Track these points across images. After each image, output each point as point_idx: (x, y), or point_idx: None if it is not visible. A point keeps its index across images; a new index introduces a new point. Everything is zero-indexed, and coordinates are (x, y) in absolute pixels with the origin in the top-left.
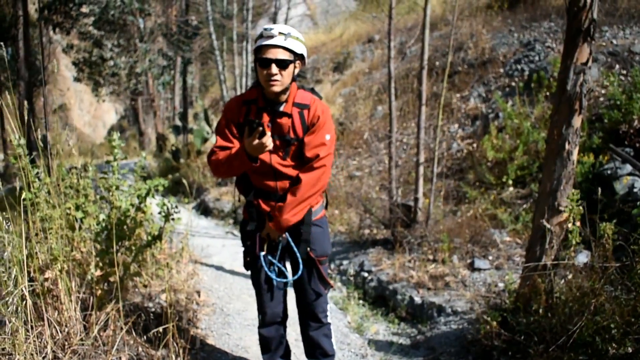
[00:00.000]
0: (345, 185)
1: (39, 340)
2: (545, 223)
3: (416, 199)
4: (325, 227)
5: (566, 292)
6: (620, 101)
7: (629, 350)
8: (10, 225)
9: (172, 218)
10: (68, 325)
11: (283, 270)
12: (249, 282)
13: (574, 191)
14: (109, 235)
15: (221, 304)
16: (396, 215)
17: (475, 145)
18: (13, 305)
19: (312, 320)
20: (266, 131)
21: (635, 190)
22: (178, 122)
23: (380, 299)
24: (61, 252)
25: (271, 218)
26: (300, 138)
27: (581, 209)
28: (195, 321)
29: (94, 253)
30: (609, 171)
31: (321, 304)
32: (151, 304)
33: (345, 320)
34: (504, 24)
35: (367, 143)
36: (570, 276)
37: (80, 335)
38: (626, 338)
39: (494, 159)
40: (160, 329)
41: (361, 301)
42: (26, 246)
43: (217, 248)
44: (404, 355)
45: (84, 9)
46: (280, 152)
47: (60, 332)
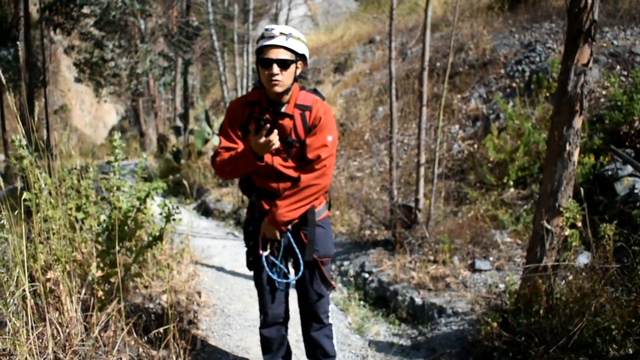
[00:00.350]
0: (346, 186)
1: (40, 340)
2: (546, 224)
3: (417, 200)
4: (328, 228)
5: (567, 293)
6: (621, 102)
7: (630, 351)
8: (11, 226)
9: (173, 219)
10: (69, 325)
11: (285, 271)
12: (250, 283)
13: (572, 201)
14: (110, 236)
15: (222, 305)
16: (397, 216)
17: (476, 146)
18: (14, 305)
19: (314, 320)
20: (274, 129)
21: (636, 191)
22: (179, 123)
23: (380, 300)
24: (63, 253)
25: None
26: (302, 140)
27: (580, 217)
28: (196, 322)
29: (95, 254)
30: (610, 172)
31: (323, 305)
32: (152, 305)
33: (345, 321)
34: (505, 25)
35: (368, 144)
36: (570, 277)
37: (81, 335)
38: (627, 339)
39: (495, 160)
40: (161, 330)
41: (362, 302)
42: (28, 247)
43: (218, 249)
44: (405, 356)
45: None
46: (282, 154)
47: (61, 333)
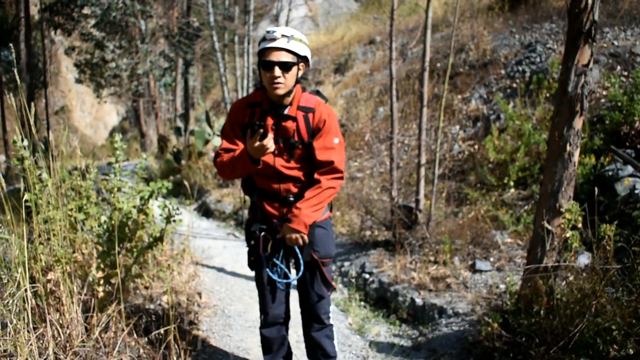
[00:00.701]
0: (346, 186)
1: (41, 341)
2: (546, 225)
3: (417, 201)
4: (329, 229)
5: (567, 294)
6: (621, 102)
7: (630, 352)
8: (12, 226)
9: (174, 220)
10: (70, 326)
11: (286, 271)
12: (250, 284)
13: (573, 202)
14: (111, 236)
15: (222, 306)
16: (397, 216)
17: (476, 146)
18: (15, 306)
19: (315, 321)
20: (268, 133)
21: (636, 191)
22: (179, 124)
23: (381, 301)
24: (63, 254)
25: (289, 220)
26: (305, 142)
27: (580, 219)
28: (196, 323)
29: (96, 255)
30: (610, 173)
31: (324, 306)
32: (152, 306)
33: (346, 321)
34: (505, 26)
35: (369, 144)
36: (571, 278)
37: (81, 336)
38: (627, 340)
39: (495, 160)
40: (161, 331)
41: (362, 303)
42: (28, 248)
43: (219, 250)
44: (405, 356)
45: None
46: (284, 155)
47: (61, 334)
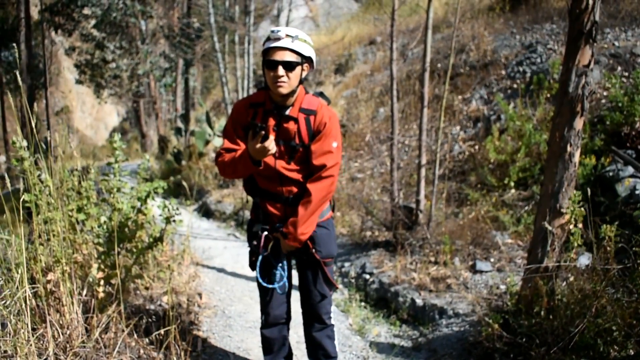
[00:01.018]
0: (347, 187)
1: (41, 342)
2: (547, 225)
3: (418, 201)
4: (331, 229)
5: (568, 295)
6: (622, 103)
7: (631, 352)
8: (12, 227)
9: (174, 220)
10: (70, 327)
11: (284, 275)
12: (251, 284)
13: (576, 192)
14: (111, 237)
15: (223, 306)
16: (398, 217)
17: (477, 147)
18: (15, 307)
19: (316, 321)
20: (269, 135)
21: (637, 192)
22: (180, 124)
23: (381, 301)
24: (63, 254)
25: (285, 235)
26: (305, 144)
27: (583, 211)
28: (196, 323)
29: (96, 255)
30: (611, 173)
31: (325, 306)
32: (153, 306)
33: (346, 322)
34: (506, 26)
35: (369, 145)
36: (571, 278)
37: (81, 337)
38: (628, 340)
39: (496, 161)
40: (161, 331)
41: (363, 303)
42: (28, 248)
43: (219, 250)
44: (406, 357)
45: (86, 11)
46: (285, 157)
47: (61, 334)
